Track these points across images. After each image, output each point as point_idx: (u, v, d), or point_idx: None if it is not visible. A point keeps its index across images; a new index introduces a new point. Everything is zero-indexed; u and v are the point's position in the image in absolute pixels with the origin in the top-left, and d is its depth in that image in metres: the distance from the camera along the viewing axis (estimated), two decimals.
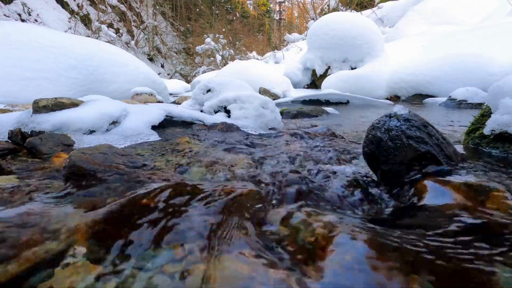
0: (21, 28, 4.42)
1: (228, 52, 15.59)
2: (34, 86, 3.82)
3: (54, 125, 1.57)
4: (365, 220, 0.64)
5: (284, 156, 1.22)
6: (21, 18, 12.54)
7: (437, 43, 5.96)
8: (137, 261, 0.48)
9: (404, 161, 0.79)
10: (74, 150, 0.90)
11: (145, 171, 0.92)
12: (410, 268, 0.42)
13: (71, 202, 0.71)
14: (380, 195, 0.79)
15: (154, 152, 1.36)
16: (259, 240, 0.55)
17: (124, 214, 0.57)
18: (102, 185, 0.78)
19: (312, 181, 0.87)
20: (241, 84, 2.76)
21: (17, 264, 0.45)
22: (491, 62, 4.73)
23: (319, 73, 7.29)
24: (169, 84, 8.07)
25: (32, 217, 0.58)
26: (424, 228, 0.54)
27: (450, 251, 0.46)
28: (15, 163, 1.22)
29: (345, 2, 14.07)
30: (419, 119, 0.85)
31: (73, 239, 0.52)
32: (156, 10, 21.16)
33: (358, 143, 1.49)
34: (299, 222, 0.60)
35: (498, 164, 0.90)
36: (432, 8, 9.43)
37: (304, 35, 12.84)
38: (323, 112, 3.36)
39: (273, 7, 27.80)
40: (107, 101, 2.04)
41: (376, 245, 0.48)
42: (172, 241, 0.51)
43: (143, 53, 17.84)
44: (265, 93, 5.55)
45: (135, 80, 4.99)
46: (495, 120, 1.04)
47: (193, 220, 0.56)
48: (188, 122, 2.17)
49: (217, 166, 1.10)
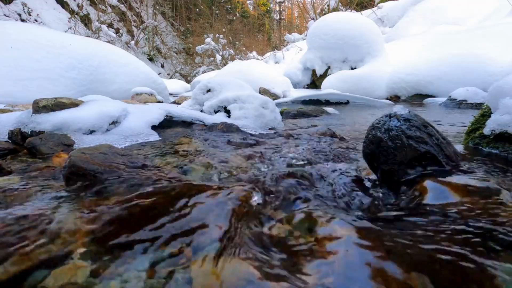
0: (21, 28, 4.41)
1: (228, 52, 15.59)
2: (34, 86, 3.82)
3: (54, 125, 1.57)
4: (365, 220, 0.64)
5: (284, 156, 1.22)
6: (21, 18, 12.54)
7: (437, 43, 5.96)
8: (138, 262, 0.48)
9: (404, 161, 0.79)
10: (74, 150, 0.90)
11: (145, 171, 0.92)
12: (410, 267, 0.42)
13: (71, 202, 0.71)
14: (380, 195, 0.79)
15: (154, 152, 1.36)
16: (260, 239, 0.55)
17: (124, 215, 0.57)
18: (102, 185, 0.78)
19: (312, 181, 0.87)
20: (241, 84, 2.76)
21: (17, 264, 0.45)
22: (491, 62, 4.73)
23: (319, 73, 7.29)
24: (169, 84, 8.06)
25: (32, 217, 0.57)
26: (424, 228, 0.54)
27: (450, 251, 0.46)
28: (15, 163, 1.22)
29: (345, 2, 14.07)
30: (419, 119, 0.85)
31: (73, 239, 0.52)
32: (156, 10, 21.16)
33: (358, 143, 1.49)
34: (299, 222, 0.60)
35: (498, 164, 0.90)
36: (432, 8, 9.43)
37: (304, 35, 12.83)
38: (323, 112, 3.36)
39: (273, 7, 27.77)
40: (107, 101, 2.04)
41: (376, 245, 0.48)
42: (173, 241, 0.51)
43: (143, 53, 17.84)
44: (265, 93, 5.55)
45: (135, 80, 4.99)
46: (495, 120, 1.04)
47: (194, 220, 0.56)
48: (188, 122, 2.17)
49: (217, 166, 1.10)
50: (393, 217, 0.64)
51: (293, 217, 0.63)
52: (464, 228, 0.52)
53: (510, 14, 6.97)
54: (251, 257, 0.48)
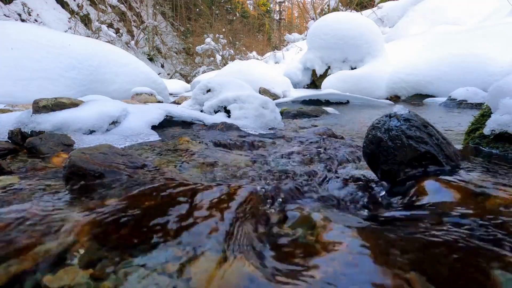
0: (21, 28, 4.41)
1: (228, 52, 15.59)
2: (34, 86, 3.82)
3: (54, 125, 1.57)
4: (365, 219, 0.64)
5: (284, 156, 1.22)
6: (21, 18, 12.54)
7: (437, 43, 5.96)
8: (138, 261, 0.48)
9: (404, 161, 0.79)
10: (74, 150, 0.90)
11: (145, 171, 0.92)
12: (410, 267, 0.43)
13: (71, 202, 0.71)
14: (380, 195, 0.79)
15: (154, 152, 1.36)
16: (260, 239, 0.55)
17: (124, 215, 0.57)
18: (102, 185, 0.78)
19: (312, 180, 0.87)
20: (241, 84, 2.76)
21: (17, 264, 0.45)
22: (491, 62, 4.73)
23: (319, 73, 7.29)
24: (169, 84, 8.06)
25: (32, 217, 0.58)
26: (424, 227, 0.54)
27: (450, 251, 0.46)
28: (15, 163, 1.22)
29: (345, 2, 14.07)
30: (419, 119, 0.85)
31: (73, 239, 0.52)
32: (156, 10, 21.16)
33: (358, 143, 1.49)
34: (299, 221, 0.60)
35: (498, 164, 0.90)
36: (432, 8, 9.43)
37: (304, 35, 12.83)
38: (323, 112, 3.36)
39: (273, 7, 27.77)
40: (107, 101, 2.04)
41: (376, 245, 0.48)
42: (173, 240, 0.51)
43: (143, 53, 17.83)
44: (265, 93, 5.55)
45: (135, 80, 4.99)
46: (495, 120, 1.04)
47: (194, 220, 0.56)
48: (188, 122, 2.17)
49: (217, 166, 1.10)
50: (393, 217, 0.64)
51: (293, 217, 0.63)
52: (464, 228, 0.52)
53: (510, 14, 6.97)
54: (252, 257, 0.48)
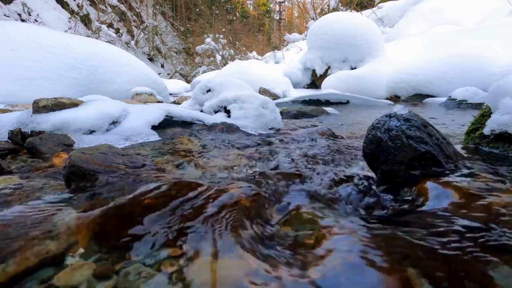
0: (21, 28, 4.41)
1: (228, 52, 15.58)
2: (34, 86, 3.82)
3: (54, 125, 1.57)
4: (365, 220, 0.64)
5: (284, 156, 1.22)
6: (21, 18, 12.54)
7: (437, 43, 5.96)
8: (137, 261, 0.48)
9: (404, 161, 0.79)
10: (74, 150, 0.90)
11: (145, 171, 0.92)
12: (410, 267, 0.43)
13: (71, 202, 0.71)
14: (380, 195, 0.79)
15: (154, 152, 1.36)
16: (259, 239, 0.55)
17: (124, 214, 0.57)
18: (102, 185, 0.78)
19: (312, 181, 0.87)
20: (241, 84, 2.76)
21: (17, 264, 0.45)
22: (491, 62, 4.73)
23: (319, 73, 7.29)
24: (169, 84, 8.06)
25: (32, 217, 0.58)
26: (424, 228, 0.54)
27: (450, 251, 0.46)
28: (15, 163, 1.22)
29: (345, 2, 14.06)
30: (419, 119, 0.85)
31: (73, 239, 0.52)
32: (156, 10, 21.15)
33: (358, 143, 1.49)
34: (298, 221, 0.60)
35: (498, 164, 0.90)
36: (432, 8, 9.43)
37: (304, 35, 12.83)
38: (323, 112, 3.36)
39: (273, 7, 27.79)
40: (107, 101, 2.04)
41: (376, 244, 0.48)
42: (173, 240, 0.51)
43: (143, 53, 17.83)
44: (265, 93, 5.55)
45: (135, 80, 4.99)
46: (495, 120, 1.04)
47: (194, 220, 0.56)
48: (188, 122, 2.17)
49: (217, 166, 1.10)
50: (393, 217, 0.64)
51: (293, 217, 0.63)
52: (463, 228, 0.52)
53: (510, 14, 6.97)
54: (250, 256, 0.48)
